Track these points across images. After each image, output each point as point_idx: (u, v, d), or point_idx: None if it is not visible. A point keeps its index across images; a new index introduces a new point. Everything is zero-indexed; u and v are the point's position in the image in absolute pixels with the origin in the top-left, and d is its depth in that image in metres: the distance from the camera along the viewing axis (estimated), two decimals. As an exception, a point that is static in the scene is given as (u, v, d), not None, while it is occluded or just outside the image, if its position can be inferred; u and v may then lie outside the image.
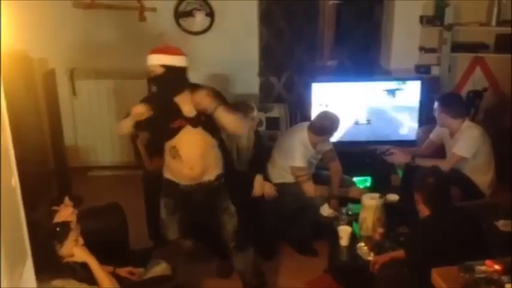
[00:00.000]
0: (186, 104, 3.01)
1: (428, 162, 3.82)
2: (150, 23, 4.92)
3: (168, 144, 3.08)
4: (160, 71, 2.96)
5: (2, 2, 1.45)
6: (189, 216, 3.27)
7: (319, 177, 3.99)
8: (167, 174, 3.19)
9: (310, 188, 3.81)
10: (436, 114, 3.99)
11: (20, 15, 2.88)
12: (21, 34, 3.36)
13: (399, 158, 4.20)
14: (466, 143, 3.83)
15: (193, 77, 3.23)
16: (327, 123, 3.85)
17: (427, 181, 2.93)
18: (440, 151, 4.14)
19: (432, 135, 4.19)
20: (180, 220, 3.25)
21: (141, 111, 2.97)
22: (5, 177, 1.47)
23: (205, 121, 3.00)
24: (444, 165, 3.76)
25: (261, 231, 3.88)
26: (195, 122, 3.00)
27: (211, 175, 3.13)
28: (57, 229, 2.51)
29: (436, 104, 3.99)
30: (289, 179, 3.89)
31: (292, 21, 5.29)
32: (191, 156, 3.04)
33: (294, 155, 3.82)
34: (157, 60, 2.97)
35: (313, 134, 3.86)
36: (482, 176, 3.89)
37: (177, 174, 3.13)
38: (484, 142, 3.88)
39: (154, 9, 4.88)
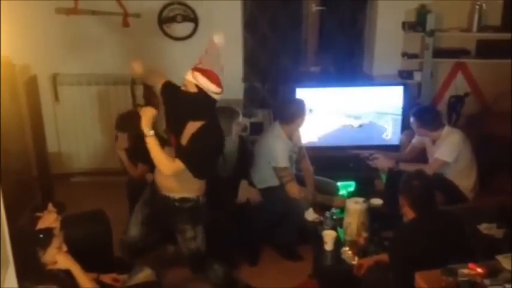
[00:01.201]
0: (188, 133, 3.00)
1: (411, 167, 3.86)
2: (134, 29, 4.91)
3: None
4: (192, 89, 2.94)
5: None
6: (152, 217, 3.29)
7: (299, 179, 4.00)
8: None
9: (294, 189, 3.81)
10: (413, 127, 4.04)
11: (2, 21, 2.86)
12: (4, 40, 3.35)
13: (383, 162, 4.24)
14: (448, 148, 3.87)
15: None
16: (293, 109, 3.91)
17: (412, 184, 2.95)
18: (423, 156, 4.18)
19: (414, 141, 4.24)
20: (145, 216, 3.29)
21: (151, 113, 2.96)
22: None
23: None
24: (427, 169, 3.80)
25: (246, 237, 3.88)
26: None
27: (176, 194, 3.13)
28: (41, 235, 2.49)
29: (412, 119, 4.04)
30: (273, 182, 3.90)
31: (276, 28, 5.31)
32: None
33: (275, 156, 3.83)
34: (194, 78, 2.93)
35: (285, 124, 3.90)
36: (465, 180, 3.94)
37: (155, 176, 3.21)
38: (465, 147, 3.92)
39: (137, 15, 4.87)
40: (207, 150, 3.00)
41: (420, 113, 4.11)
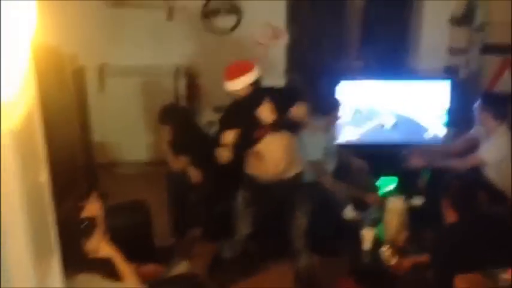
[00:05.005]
0: (264, 111, 3.13)
1: (446, 163, 3.89)
2: (178, 22, 4.96)
3: (252, 149, 3.25)
4: (248, 90, 3.09)
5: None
6: (262, 211, 3.39)
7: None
8: (249, 170, 3.36)
9: (327, 181, 3.81)
10: (476, 112, 3.92)
11: (52, 11, 2.93)
12: (53, 30, 3.43)
13: (415, 162, 4.14)
14: (494, 149, 3.76)
15: (219, 77, 3.27)
16: (326, 101, 3.92)
17: (456, 186, 2.89)
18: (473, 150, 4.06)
19: (473, 131, 4.12)
20: (254, 214, 3.40)
21: (228, 141, 3.17)
22: (34, 172, 1.50)
23: (285, 122, 3.16)
24: (461, 164, 3.75)
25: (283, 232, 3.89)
26: (276, 127, 3.15)
27: (291, 172, 3.30)
28: (84, 224, 2.54)
29: (478, 102, 3.92)
30: (310, 177, 3.89)
31: (320, 20, 5.27)
32: (276, 157, 3.23)
33: (308, 149, 3.83)
34: (246, 82, 3.08)
35: (320, 117, 3.88)
36: (510, 183, 3.82)
37: (260, 170, 3.31)
38: None
39: (182, 9, 4.91)
40: None
41: (489, 97, 4.06)
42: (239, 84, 3.11)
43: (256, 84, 3.16)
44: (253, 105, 3.16)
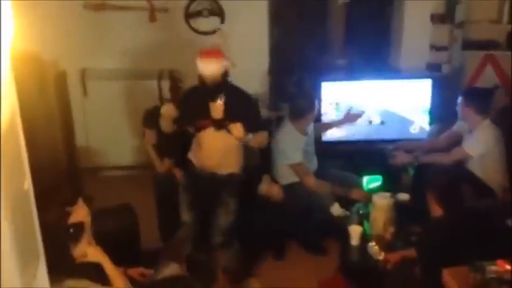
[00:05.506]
0: (215, 108, 3.21)
1: (431, 158, 3.92)
2: (161, 24, 4.94)
3: (196, 134, 3.36)
4: (218, 76, 3.22)
5: (12, 3, 1.46)
6: (197, 199, 3.42)
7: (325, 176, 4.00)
8: (190, 155, 3.47)
9: (310, 181, 3.82)
10: (459, 107, 3.96)
11: (31, 16, 2.91)
12: (33, 36, 3.41)
13: (401, 159, 4.18)
14: (477, 142, 3.80)
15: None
16: (302, 104, 3.90)
17: (440, 181, 2.91)
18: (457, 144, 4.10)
19: (456, 126, 4.15)
20: (190, 200, 3.43)
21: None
22: (18, 180, 1.49)
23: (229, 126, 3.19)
24: (446, 158, 3.78)
25: (271, 231, 3.89)
26: (219, 125, 3.22)
27: (225, 171, 3.35)
28: (72, 230, 2.52)
29: (460, 98, 3.96)
30: (293, 179, 3.90)
31: (303, 21, 5.29)
32: (212, 151, 3.30)
33: (287, 153, 3.84)
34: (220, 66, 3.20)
35: (296, 120, 3.89)
36: (493, 176, 3.86)
37: (197, 159, 3.40)
38: (497, 145, 3.83)
39: (165, 10, 4.90)
40: None
41: (471, 92, 4.11)
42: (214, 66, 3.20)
43: (223, 76, 3.24)
44: (210, 97, 3.23)
